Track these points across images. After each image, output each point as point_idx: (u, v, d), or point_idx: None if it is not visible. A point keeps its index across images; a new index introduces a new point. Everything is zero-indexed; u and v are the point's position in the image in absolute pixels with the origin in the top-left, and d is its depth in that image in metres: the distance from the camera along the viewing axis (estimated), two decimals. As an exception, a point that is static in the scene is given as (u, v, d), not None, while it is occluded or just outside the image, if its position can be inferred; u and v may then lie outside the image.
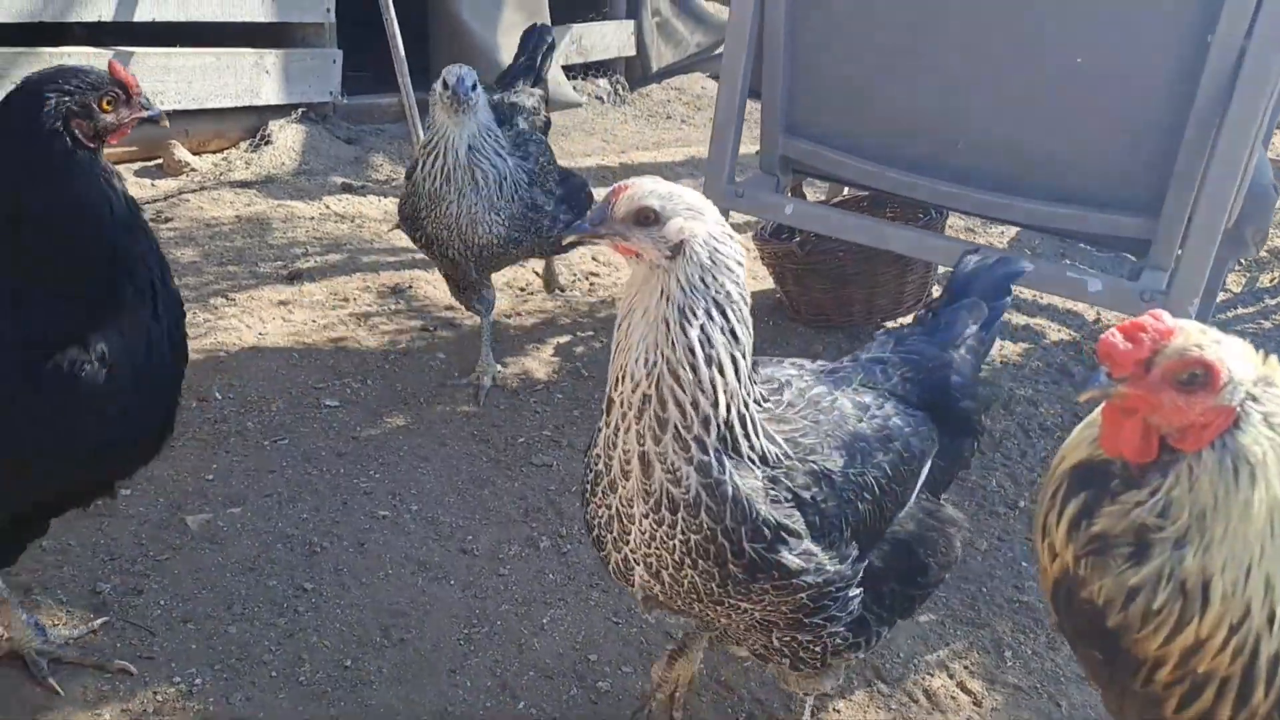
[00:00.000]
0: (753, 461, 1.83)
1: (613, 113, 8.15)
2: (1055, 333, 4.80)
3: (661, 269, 1.73)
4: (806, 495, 1.88)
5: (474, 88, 3.34)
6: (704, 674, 2.64)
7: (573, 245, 3.86)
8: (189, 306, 4.02)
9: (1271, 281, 5.58)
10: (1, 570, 2.36)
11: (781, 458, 1.87)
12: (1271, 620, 1.46)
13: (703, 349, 1.73)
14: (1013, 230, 5.56)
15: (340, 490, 3.17)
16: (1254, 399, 1.49)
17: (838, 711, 2.61)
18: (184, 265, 4.43)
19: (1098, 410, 1.60)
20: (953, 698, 2.67)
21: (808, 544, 1.88)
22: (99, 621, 2.54)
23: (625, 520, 1.86)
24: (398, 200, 3.90)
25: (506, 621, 2.76)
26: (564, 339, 4.35)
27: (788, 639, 2.01)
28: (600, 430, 1.86)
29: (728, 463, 1.78)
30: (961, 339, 2.34)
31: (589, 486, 1.94)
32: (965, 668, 2.80)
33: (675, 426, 1.74)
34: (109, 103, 2.04)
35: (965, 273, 2.47)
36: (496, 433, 3.61)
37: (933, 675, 2.75)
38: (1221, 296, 5.35)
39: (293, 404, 3.58)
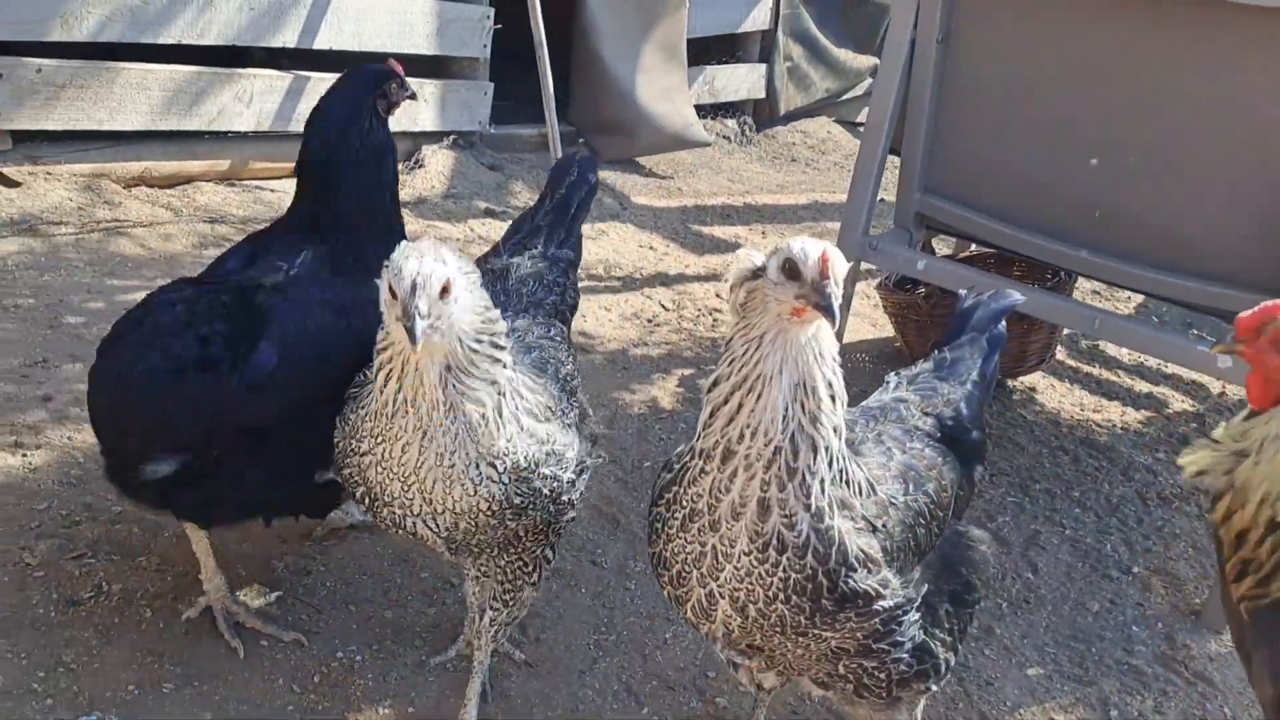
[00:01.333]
0: (856, 491, 1.98)
1: (739, 153, 8.38)
2: (1178, 402, 4.80)
3: (814, 324, 1.85)
4: (879, 523, 2.01)
5: (442, 294, 1.98)
6: (814, 701, 2.79)
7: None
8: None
9: None
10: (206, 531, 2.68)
11: (869, 489, 2.02)
12: None
13: (839, 387, 1.89)
14: (1140, 296, 5.57)
15: (483, 496, 3.43)
16: None
17: (943, 750, 2.73)
18: (343, 276, 4.78)
19: None
20: (1057, 748, 2.77)
21: (885, 571, 2.01)
22: (274, 595, 2.83)
23: (720, 557, 1.95)
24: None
25: (632, 632, 2.96)
26: (687, 371, 4.55)
27: (854, 666, 2.10)
28: (701, 474, 1.94)
29: (836, 507, 1.93)
30: (967, 374, 2.50)
31: (674, 523, 2.00)
32: (1070, 722, 2.88)
33: (804, 472, 1.88)
34: (397, 87, 2.76)
35: (963, 310, 2.63)
36: (625, 455, 3.82)
37: (1038, 725, 2.84)
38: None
39: (441, 413, 3.85)
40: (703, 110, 8.18)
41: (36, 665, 2.48)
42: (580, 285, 5.36)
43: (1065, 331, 4.92)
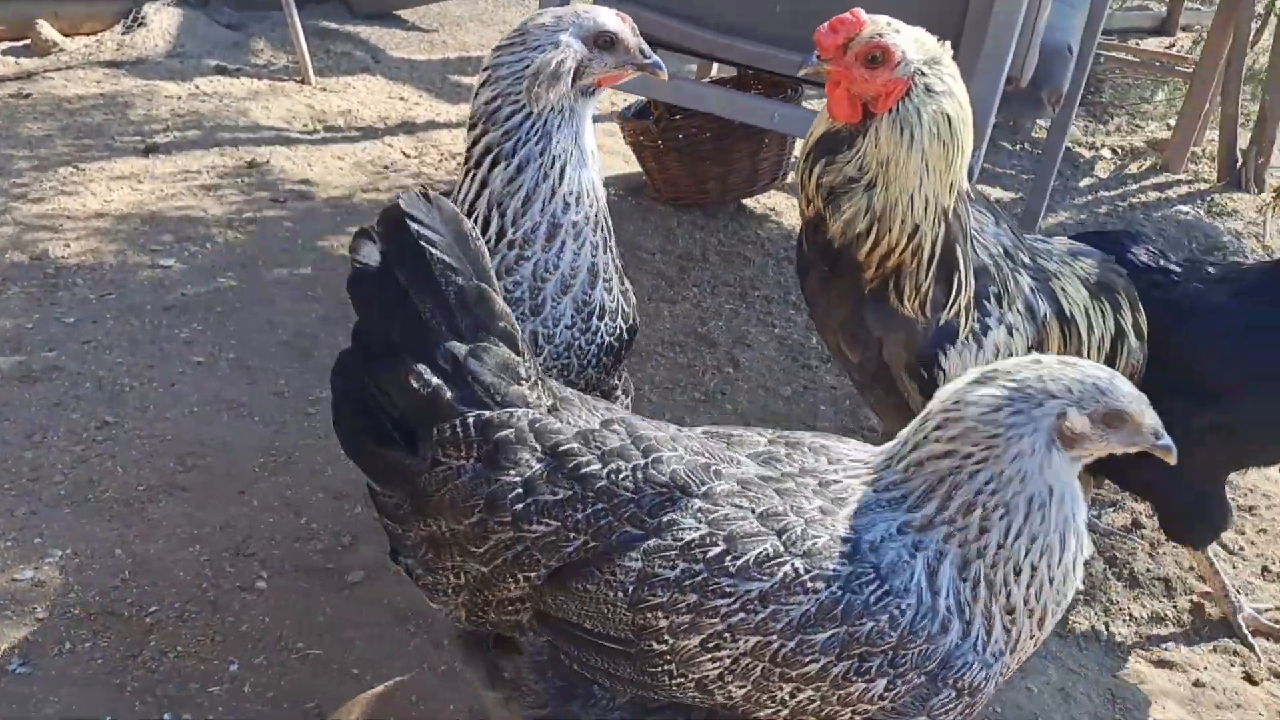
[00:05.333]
0: None
1: (515, 5, 8.07)
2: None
3: None
4: None
5: None
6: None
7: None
8: (33, 177, 4.11)
9: (1139, 169, 5.75)
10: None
11: None
12: (932, 222, 2.09)
13: None
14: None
15: (159, 339, 3.28)
16: (922, 74, 2.04)
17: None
18: (37, 139, 4.44)
19: None
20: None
21: None
22: None
23: None
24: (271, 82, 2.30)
25: (305, 453, 2.91)
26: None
27: None
28: None
29: None
30: None
31: None
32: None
33: None
34: None
35: None
36: (327, 296, 3.70)
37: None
38: (1088, 181, 5.53)
39: (126, 264, 3.65)
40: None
41: None
42: (314, 136, 5.09)
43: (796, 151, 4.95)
